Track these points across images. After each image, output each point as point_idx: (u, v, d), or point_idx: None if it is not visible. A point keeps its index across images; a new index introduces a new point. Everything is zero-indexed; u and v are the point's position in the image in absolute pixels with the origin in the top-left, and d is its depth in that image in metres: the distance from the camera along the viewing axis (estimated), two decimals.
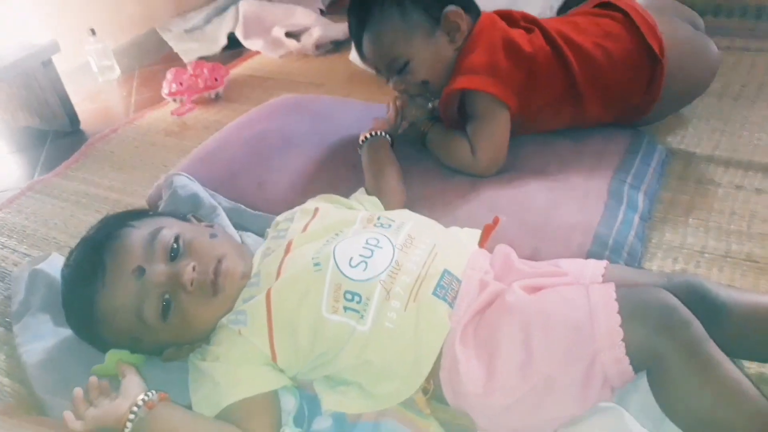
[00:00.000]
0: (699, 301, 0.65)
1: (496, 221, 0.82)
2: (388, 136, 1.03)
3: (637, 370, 0.59)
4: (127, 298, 0.70)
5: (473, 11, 1.04)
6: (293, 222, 0.81)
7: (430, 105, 1.08)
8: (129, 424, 0.64)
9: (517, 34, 1.02)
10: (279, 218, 0.85)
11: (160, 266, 0.70)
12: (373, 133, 1.02)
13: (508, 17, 1.06)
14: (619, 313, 0.59)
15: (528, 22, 1.07)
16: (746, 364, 0.71)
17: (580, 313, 0.61)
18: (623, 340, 0.58)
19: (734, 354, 0.67)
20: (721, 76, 1.31)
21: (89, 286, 0.70)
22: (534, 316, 0.63)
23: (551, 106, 1.05)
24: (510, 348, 0.62)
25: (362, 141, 1.03)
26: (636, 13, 1.04)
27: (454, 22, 1.00)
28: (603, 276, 0.70)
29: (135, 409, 0.65)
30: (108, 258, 0.71)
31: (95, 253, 0.72)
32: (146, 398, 0.66)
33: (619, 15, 1.06)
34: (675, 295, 0.63)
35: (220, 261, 0.73)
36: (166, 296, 0.70)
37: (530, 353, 0.61)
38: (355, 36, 1.05)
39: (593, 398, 0.60)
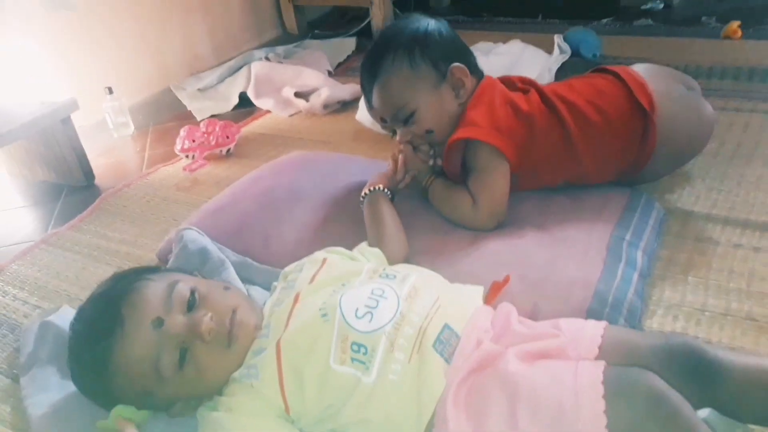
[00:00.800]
0: (696, 364, 0.65)
1: (506, 280, 0.84)
2: (387, 190, 1.06)
3: None
4: (145, 348, 0.70)
5: (477, 73, 1.10)
6: (301, 272, 0.83)
7: (431, 162, 1.12)
8: None
9: (516, 96, 1.08)
10: (287, 269, 0.87)
11: (179, 317, 0.72)
12: (373, 188, 1.06)
13: (508, 82, 1.13)
14: (604, 397, 0.60)
15: (525, 84, 1.13)
16: (751, 426, 0.70)
17: (566, 395, 0.61)
18: (607, 426, 0.58)
19: (737, 417, 0.67)
20: (716, 135, 1.34)
21: (106, 339, 0.71)
22: (523, 390, 0.63)
23: (550, 163, 1.09)
24: (497, 420, 0.63)
25: (363, 196, 1.07)
26: (626, 73, 1.10)
27: (459, 78, 1.06)
28: (602, 337, 0.71)
29: None
30: (126, 310, 0.72)
31: (113, 306, 0.72)
32: None
33: (610, 77, 1.12)
34: (673, 357, 0.64)
35: (234, 312, 0.75)
36: (183, 346, 0.71)
37: (515, 429, 0.61)
38: (367, 87, 1.10)
39: None
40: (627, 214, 1.06)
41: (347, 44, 2.32)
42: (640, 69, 1.14)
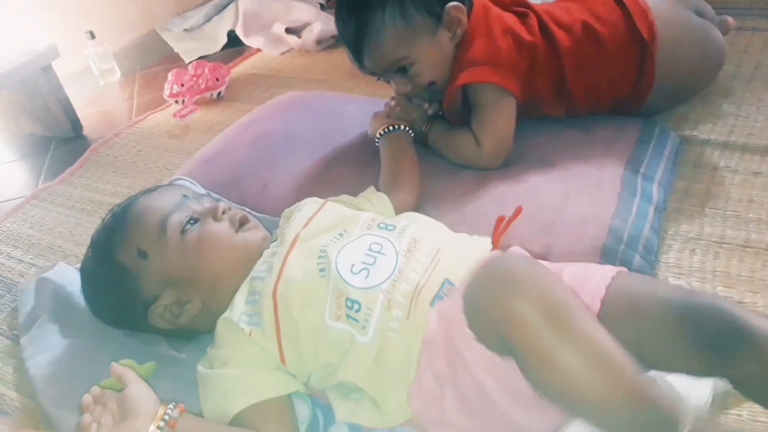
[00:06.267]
0: (722, 331, 0.55)
1: (518, 212, 0.75)
2: (410, 130, 1.01)
3: None
4: (163, 202, 0.76)
5: (466, 0, 1.00)
6: (301, 211, 0.80)
7: (426, 105, 1.05)
8: None
9: (513, 21, 1.00)
10: (288, 210, 0.84)
11: (202, 204, 0.78)
12: (395, 127, 1.01)
13: (500, 3, 1.04)
14: None
15: (520, 6, 1.05)
16: None
17: None
18: None
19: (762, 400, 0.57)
20: (732, 57, 1.28)
21: (138, 195, 0.79)
22: None
23: (551, 94, 1.03)
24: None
25: (382, 133, 1.01)
26: None
27: (455, 17, 0.97)
28: (608, 287, 0.62)
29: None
30: (162, 186, 0.84)
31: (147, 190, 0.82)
32: (167, 417, 0.61)
33: (610, 1, 1.04)
34: (692, 318, 0.56)
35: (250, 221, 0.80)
36: (195, 216, 0.75)
37: None
38: (352, 45, 0.99)
39: None
40: (641, 146, 1.01)
41: None
42: None
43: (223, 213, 0.77)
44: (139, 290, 0.74)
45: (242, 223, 0.78)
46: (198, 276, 0.74)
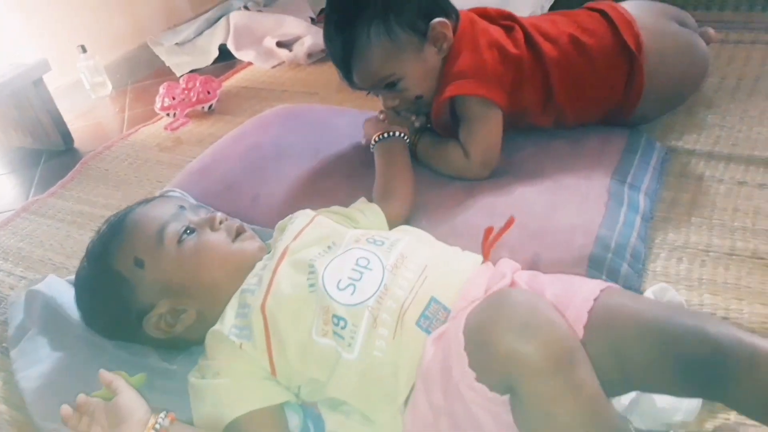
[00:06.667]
0: (708, 356, 0.53)
1: (510, 222, 0.75)
2: (405, 136, 1.02)
3: None
4: (160, 212, 0.77)
5: (453, 14, 1.02)
6: (293, 224, 0.80)
7: (413, 117, 1.07)
8: None
9: (499, 34, 1.02)
10: (281, 222, 0.84)
11: (199, 214, 0.79)
12: (390, 133, 1.01)
13: (485, 16, 1.05)
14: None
15: (506, 19, 1.06)
16: None
17: None
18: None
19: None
20: (716, 69, 1.30)
21: (132, 207, 0.79)
22: None
23: (539, 106, 1.04)
24: None
25: (378, 139, 1.01)
26: (613, 11, 1.04)
27: (440, 32, 0.98)
28: (590, 310, 0.60)
29: None
30: (159, 198, 0.84)
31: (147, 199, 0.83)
32: (158, 426, 0.62)
33: (596, 14, 1.06)
34: (680, 342, 0.55)
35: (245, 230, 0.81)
36: (192, 226, 0.76)
37: None
38: (342, 62, 1.01)
39: None
40: (627, 156, 1.02)
41: None
42: (629, 6, 1.08)
43: (220, 223, 0.78)
44: (135, 299, 0.74)
45: (239, 233, 0.79)
46: (194, 285, 0.74)
